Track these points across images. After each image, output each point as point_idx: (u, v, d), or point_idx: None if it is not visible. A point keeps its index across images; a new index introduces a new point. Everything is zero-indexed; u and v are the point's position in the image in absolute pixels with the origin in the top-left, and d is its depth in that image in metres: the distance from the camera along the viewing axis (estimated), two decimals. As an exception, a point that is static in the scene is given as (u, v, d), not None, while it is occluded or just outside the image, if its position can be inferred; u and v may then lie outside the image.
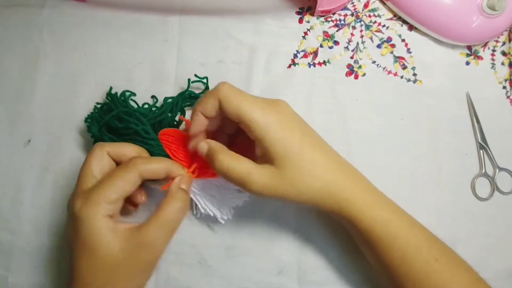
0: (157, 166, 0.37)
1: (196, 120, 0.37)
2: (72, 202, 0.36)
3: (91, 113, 0.45)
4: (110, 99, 0.45)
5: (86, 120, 0.45)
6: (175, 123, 0.45)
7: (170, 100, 0.46)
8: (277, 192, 0.35)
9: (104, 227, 0.34)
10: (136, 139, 0.41)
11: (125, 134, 0.42)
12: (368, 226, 0.36)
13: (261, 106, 0.35)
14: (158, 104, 0.47)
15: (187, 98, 0.46)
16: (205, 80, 0.47)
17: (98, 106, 0.46)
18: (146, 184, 0.42)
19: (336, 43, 0.49)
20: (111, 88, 0.46)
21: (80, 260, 0.35)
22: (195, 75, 0.46)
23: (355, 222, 0.37)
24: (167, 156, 0.42)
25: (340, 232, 0.44)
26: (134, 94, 0.47)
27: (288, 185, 0.35)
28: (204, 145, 0.38)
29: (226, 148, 0.37)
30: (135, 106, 0.46)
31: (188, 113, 0.47)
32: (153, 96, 0.47)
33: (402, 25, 0.49)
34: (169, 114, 0.45)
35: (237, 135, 0.42)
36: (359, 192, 0.37)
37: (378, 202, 0.38)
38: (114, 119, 0.42)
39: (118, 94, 0.45)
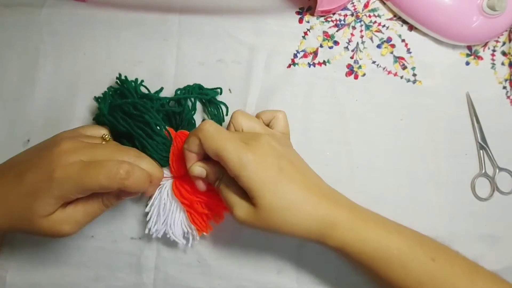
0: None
1: (187, 157, 0.39)
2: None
3: (104, 93, 0.46)
4: (120, 83, 0.46)
5: (96, 100, 0.47)
6: (193, 122, 0.46)
7: (190, 103, 0.46)
8: (256, 226, 0.37)
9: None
10: (144, 129, 0.42)
11: (136, 120, 0.42)
12: (358, 250, 0.37)
13: (238, 145, 0.36)
14: (163, 93, 0.47)
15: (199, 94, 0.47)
16: (218, 90, 0.47)
17: (112, 89, 0.46)
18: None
19: (336, 43, 0.49)
20: (120, 75, 0.46)
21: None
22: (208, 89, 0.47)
23: (344, 250, 0.37)
24: (163, 157, 0.42)
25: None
26: (143, 81, 0.47)
27: (265, 222, 0.36)
28: (200, 169, 0.39)
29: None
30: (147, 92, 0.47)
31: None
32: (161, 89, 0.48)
33: (402, 25, 0.49)
34: (193, 112, 0.46)
35: None
36: (342, 219, 0.37)
37: (363, 223, 0.37)
38: (129, 106, 0.43)
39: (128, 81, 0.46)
